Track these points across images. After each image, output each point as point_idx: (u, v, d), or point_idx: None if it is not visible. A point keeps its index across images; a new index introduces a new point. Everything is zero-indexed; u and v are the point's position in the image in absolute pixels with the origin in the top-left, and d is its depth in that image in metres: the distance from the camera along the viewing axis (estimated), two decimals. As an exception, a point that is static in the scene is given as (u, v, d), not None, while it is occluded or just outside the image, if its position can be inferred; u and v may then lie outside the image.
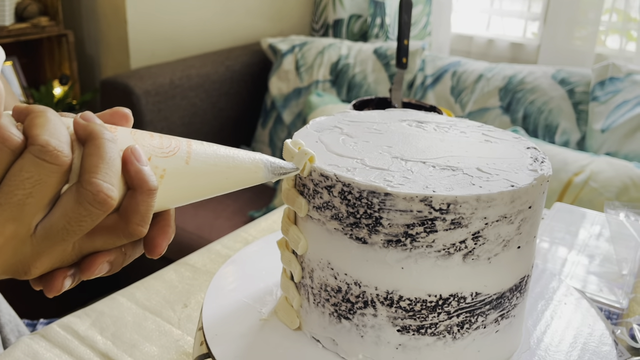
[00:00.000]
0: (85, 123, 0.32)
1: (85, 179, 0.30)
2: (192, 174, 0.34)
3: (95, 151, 0.31)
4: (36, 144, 0.29)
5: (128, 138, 0.33)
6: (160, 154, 0.34)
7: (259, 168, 0.37)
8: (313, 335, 0.45)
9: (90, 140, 0.31)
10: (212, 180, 0.35)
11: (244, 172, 0.36)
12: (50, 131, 0.30)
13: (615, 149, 1.43)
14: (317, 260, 0.43)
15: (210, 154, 0.35)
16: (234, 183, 0.36)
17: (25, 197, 0.29)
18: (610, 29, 1.78)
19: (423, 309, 0.40)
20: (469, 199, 0.37)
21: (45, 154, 0.29)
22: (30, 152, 0.29)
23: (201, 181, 0.35)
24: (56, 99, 1.79)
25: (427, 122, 0.51)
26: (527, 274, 0.43)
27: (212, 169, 0.35)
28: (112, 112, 0.36)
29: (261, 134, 1.95)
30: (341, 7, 2.09)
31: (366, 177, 0.39)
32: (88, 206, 0.30)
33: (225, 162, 0.36)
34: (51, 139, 0.29)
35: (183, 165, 0.34)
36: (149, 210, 0.32)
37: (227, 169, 0.36)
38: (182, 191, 0.35)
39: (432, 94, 1.71)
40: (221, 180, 0.36)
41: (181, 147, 0.34)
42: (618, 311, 0.62)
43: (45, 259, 0.31)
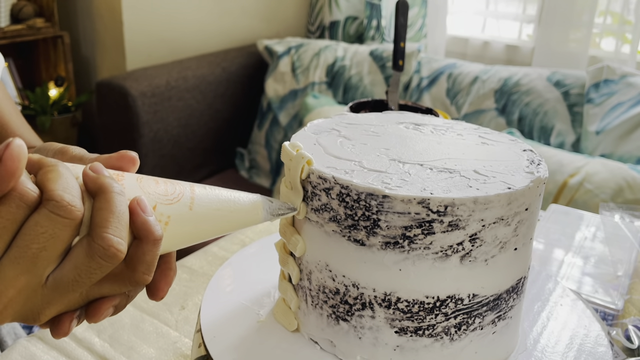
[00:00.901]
0: (95, 176, 0.33)
1: (96, 234, 0.31)
2: (196, 219, 0.36)
3: (105, 205, 0.32)
4: (51, 199, 0.30)
5: (135, 186, 0.34)
6: (165, 201, 0.35)
7: (259, 211, 0.39)
8: (311, 337, 0.45)
9: (101, 193, 0.32)
10: (214, 224, 0.37)
11: (245, 214, 0.38)
12: (63, 186, 0.31)
13: (610, 150, 1.44)
14: (315, 262, 0.43)
15: (212, 198, 0.37)
16: (234, 226, 0.38)
17: (39, 251, 0.30)
18: (605, 31, 1.79)
19: (421, 310, 0.40)
20: (466, 201, 0.37)
21: (60, 209, 0.30)
22: (45, 208, 0.30)
23: (204, 225, 0.36)
24: (51, 101, 1.78)
25: (424, 125, 0.52)
26: (523, 276, 0.44)
27: (215, 213, 0.37)
28: (120, 156, 0.37)
29: (257, 135, 1.95)
30: (337, 9, 2.10)
31: (364, 179, 0.39)
32: (99, 260, 0.31)
33: (226, 206, 0.37)
34: (65, 194, 0.30)
35: (187, 212, 0.35)
36: (154, 259, 0.34)
37: (229, 213, 0.37)
38: (186, 236, 0.36)
39: (427, 96, 1.71)
40: (223, 224, 0.37)
41: (185, 193, 0.36)
42: (613, 312, 0.62)
43: (54, 307, 0.32)
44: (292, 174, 0.42)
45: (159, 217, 0.34)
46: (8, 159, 0.28)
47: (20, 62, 1.86)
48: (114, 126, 1.66)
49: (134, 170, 0.38)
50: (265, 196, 0.40)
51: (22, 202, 0.30)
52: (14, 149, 0.29)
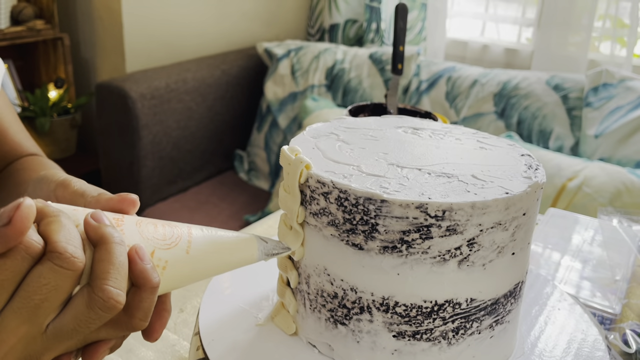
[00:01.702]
0: (96, 225, 0.33)
1: (97, 285, 0.32)
2: (192, 262, 0.37)
3: (106, 256, 0.32)
4: (55, 251, 0.31)
5: (134, 232, 0.35)
6: (162, 246, 0.36)
7: (254, 252, 0.40)
8: (309, 341, 0.46)
9: (101, 244, 0.33)
10: (210, 266, 0.38)
11: (240, 256, 0.39)
12: (66, 237, 0.31)
13: (608, 154, 1.44)
14: (313, 266, 0.43)
15: (208, 241, 0.38)
16: (229, 267, 0.39)
17: (41, 302, 0.31)
18: (604, 35, 1.79)
19: (418, 314, 0.40)
20: (464, 206, 0.37)
21: (64, 261, 0.31)
22: (49, 260, 0.31)
23: (200, 268, 0.37)
24: (51, 102, 1.78)
25: (423, 129, 0.52)
26: (521, 280, 0.44)
27: (211, 256, 0.38)
28: (121, 198, 0.38)
29: (257, 138, 1.96)
30: (337, 12, 2.10)
31: (362, 183, 0.39)
32: (98, 311, 0.32)
33: (222, 249, 0.38)
34: (68, 245, 0.31)
35: (184, 255, 0.36)
36: (152, 306, 0.34)
37: (225, 255, 0.38)
38: (182, 278, 0.37)
39: (427, 99, 1.72)
40: (218, 266, 0.38)
41: (182, 237, 0.37)
42: (611, 316, 0.63)
43: (53, 352, 0.33)
44: (290, 178, 0.42)
45: (157, 262, 0.35)
46: (18, 221, 0.29)
47: (20, 64, 1.86)
48: (113, 128, 1.66)
49: (134, 212, 0.38)
50: (259, 236, 0.41)
51: (27, 254, 0.30)
52: (24, 210, 0.30)
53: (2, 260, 0.30)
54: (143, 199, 1.70)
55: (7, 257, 0.30)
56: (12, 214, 0.29)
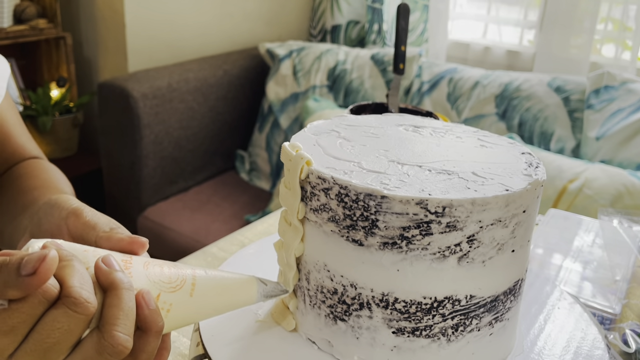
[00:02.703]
0: (107, 270, 0.35)
1: (107, 331, 0.33)
2: (195, 305, 0.38)
3: (116, 302, 0.34)
4: (70, 296, 0.32)
5: (141, 274, 0.37)
6: (168, 289, 0.37)
7: (253, 294, 0.42)
8: (309, 337, 0.46)
9: (112, 289, 0.34)
10: (211, 308, 0.40)
11: (240, 298, 0.41)
12: (80, 282, 0.33)
13: (609, 156, 1.44)
14: (313, 262, 0.43)
15: (211, 284, 0.39)
16: (229, 308, 0.41)
17: (53, 345, 0.32)
18: (606, 38, 1.79)
19: (418, 311, 0.40)
20: (464, 203, 0.37)
21: (78, 306, 0.32)
22: (64, 304, 0.32)
23: (202, 310, 0.39)
24: (53, 101, 1.79)
25: (424, 127, 0.52)
26: (521, 278, 0.44)
27: (213, 299, 0.39)
28: (131, 240, 0.39)
29: (258, 138, 1.96)
30: (339, 13, 2.10)
31: (363, 180, 0.39)
32: (107, 356, 0.33)
33: (224, 291, 0.40)
34: (82, 291, 0.32)
35: (188, 299, 0.38)
36: (155, 348, 0.36)
37: (226, 298, 0.40)
38: (185, 320, 0.39)
39: (428, 100, 1.72)
40: (219, 307, 0.40)
41: (187, 280, 0.38)
42: (611, 316, 0.63)
43: None
44: (291, 174, 0.42)
45: (162, 305, 0.37)
46: (43, 272, 0.31)
47: (23, 63, 1.86)
48: (115, 127, 1.66)
49: (143, 253, 0.40)
50: (259, 278, 0.42)
51: (44, 299, 0.31)
52: (50, 263, 0.31)
53: (19, 304, 0.31)
54: (144, 199, 1.70)
55: (24, 301, 0.31)
56: (38, 265, 0.31)
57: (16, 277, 0.30)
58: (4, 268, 0.31)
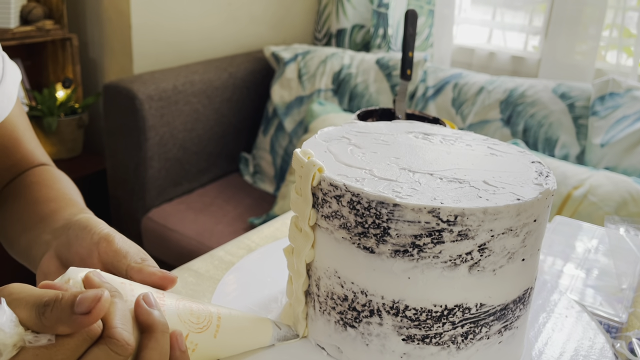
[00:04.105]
0: (147, 311, 0.36)
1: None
2: (218, 346, 0.41)
3: (154, 345, 0.35)
4: (113, 337, 0.33)
5: (174, 314, 0.38)
6: (195, 329, 0.39)
7: (268, 337, 0.44)
8: (318, 343, 0.46)
9: (151, 332, 0.35)
10: (231, 348, 0.42)
11: (257, 341, 0.44)
12: (122, 322, 0.34)
13: (614, 163, 1.44)
14: (323, 269, 0.44)
15: (233, 326, 0.42)
16: (245, 348, 0.44)
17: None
18: (611, 45, 1.80)
19: (428, 318, 0.40)
20: (476, 212, 0.38)
21: (119, 348, 0.33)
22: (105, 344, 0.33)
23: (223, 350, 0.41)
24: (59, 102, 1.79)
25: (433, 135, 0.52)
26: (530, 286, 0.44)
27: (233, 340, 0.42)
28: (163, 276, 0.41)
29: (262, 141, 1.96)
30: (344, 17, 2.11)
31: (375, 187, 0.40)
32: None
33: (244, 334, 0.43)
34: (124, 332, 0.33)
35: (212, 340, 0.40)
36: None
37: (244, 340, 0.43)
38: (206, 358, 0.40)
39: (433, 105, 1.72)
40: (237, 348, 0.43)
41: (212, 321, 0.40)
42: (617, 325, 0.63)
43: None
44: (303, 181, 0.43)
45: (189, 345, 0.38)
46: (96, 314, 0.32)
47: (29, 64, 1.87)
48: (120, 129, 1.67)
49: (172, 287, 0.42)
50: (275, 322, 0.45)
51: (88, 337, 0.32)
52: (104, 304, 0.32)
53: (66, 340, 0.32)
54: (148, 200, 1.70)
55: (71, 337, 0.32)
56: (93, 305, 0.31)
57: (69, 315, 0.31)
58: (57, 304, 0.32)
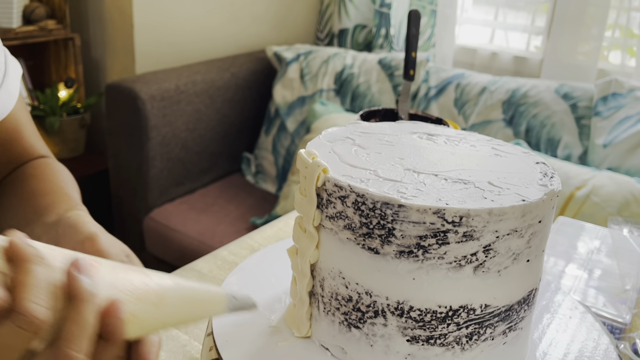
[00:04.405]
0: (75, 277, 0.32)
1: (60, 349, 0.31)
2: (159, 315, 0.37)
3: (75, 317, 0.32)
4: (18, 310, 0.30)
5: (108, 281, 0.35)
6: (133, 298, 0.36)
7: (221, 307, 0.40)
8: (322, 344, 0.46)
9: (73, 302, 0.32)
10: (176, 318, 0.39)
11: (207, 310, 0.40)
12: (35, 293, 0.31)
13: (617, 164, 1.44)
14: (328, 269, 0.44)
15: (177, 295, 0.38)
16: (195, 319, 0.40)
17: None
18: (613, 45, 1.79)
19: (433, 319, 0.40)
20: (481, 213, 0.37)
21: (24, 322, 0.30)
22: (11, 320, 0.30)
23: (166, 320, 0.38)
24: (61, 102, 1.79)
25: (437, 135, 0.52)
26: (535, 287, 0.44)
27: (179, 311, 0.38)
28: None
29: (264, 141, 1.96)
30: (346, 17, 2.11)
31: (380, 188, 0.39)
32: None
33: (190, 303, 0.39)
34: (31, 304, 0.30)
35: (152, 309, 0.37)
36: (115, 357, 0.35)
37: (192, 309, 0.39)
38: (147, 329, 0.37)
39: (435, 106, 1.72)
40: (184, 318, 0.39)
41: (153, 289, 0.37)
42: (621, 326, 0.63)
43: None
44: (307, 182, 0.43)
45: (127, 315, 0.35)
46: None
47: (31, 63, 1.87)
48: (122, 129, 1.67)
49: None
50: (231, 293, 0.41)
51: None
52: None
53: None
54: (150, 200, 1.70)
55: None
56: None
57: None
58: None
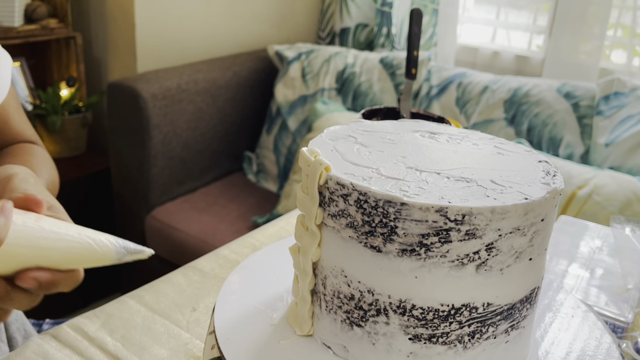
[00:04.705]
0: None
1: None
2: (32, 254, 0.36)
3: None
4: None
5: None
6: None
7: (108, 258, 0.39)
8: (324, 342, 0.46)
9: None
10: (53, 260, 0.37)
11: (90, 260, 0.39)
12: None
13: (619, 163, 1.44)
14: (330, 268, 0.43)
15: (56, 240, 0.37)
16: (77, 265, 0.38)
17: None
18: (615, 44, 1.79)
19: (435, 318, 0.40)
20: (483, 211, 0.37)
21: None
22: None
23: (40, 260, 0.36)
24: (63, 101, 1.79)
25: (440, 133, 0.52)
26: (537, 286, 0.44)
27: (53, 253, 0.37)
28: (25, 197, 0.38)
29: (266, 140, 1.96)
30: (348, 16, 2.11)
31: (382, 186, 0.39)
32: None
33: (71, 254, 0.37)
34: None
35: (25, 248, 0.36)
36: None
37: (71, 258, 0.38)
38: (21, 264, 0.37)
39: (437, 105, 1.72)
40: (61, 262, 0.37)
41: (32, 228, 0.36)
42: (623, 325, 0.62)
43: None
44: (309, 180, 0.43)
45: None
46: None
47: (33, 62, 1.87)
48: (124, 127, 1.67)
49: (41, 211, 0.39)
50: (122, 245, 0.40)
51: None
52: None
53: None
54: (152, 199, 1.70)
55: None
56: None
57: None
58: None
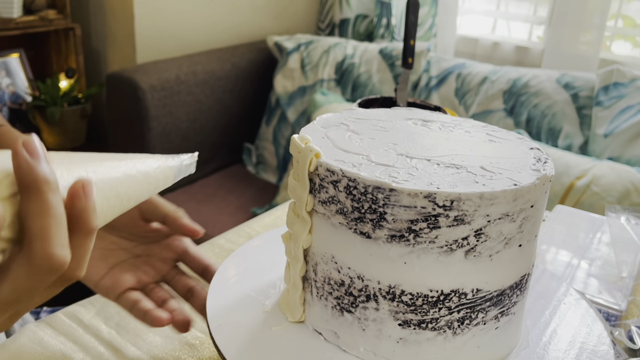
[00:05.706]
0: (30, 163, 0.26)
1: (38, 250, 0.26)
2: (118, 203, 0.33)
3: (43, 209, 0.26)
4: None
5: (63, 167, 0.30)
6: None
7: (170, 179, 0.38)
8: (315, 328, 0.46)
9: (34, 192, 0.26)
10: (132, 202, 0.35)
11: (157, 187, 0.37)
12: None
13: (617, 154, 1.43)
14: (321, 254, 0.44)
15: (134, 182, 0.34)
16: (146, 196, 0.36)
17: None
18: (616, 35, 1.78)
19: (424, 303, 0.40)
20: (472, 197, 0.37)
21: None
22: None
23: (125, 207, 0.34)
24: (62, 92, 1.79)
25: (432, 121, 0.52)
26: (527, 273, 0.44)
27: (134, 195, 0.35)
28: None
29: (265, 131, 1.96)
30: (347, 7, 2.10)
31: (371, 172, 0.39)
32: (43, 277, 0.27)
33: (144, 185, 0.35)
34: None
35: (114, 199, 0.33)
36: (87, 252, 0.29)
37: (145, 190, 0.36)
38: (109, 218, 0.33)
39: (436, 95, 1.72)
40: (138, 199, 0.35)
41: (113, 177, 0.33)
42: (617, 313, 0.63)
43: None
44: (300, 167, 0.43)
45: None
46: None
47: (32, 53, 1.87)
48: (123, 119, 1.67)
49: None
50: (179, 161, 0.39)
51: None
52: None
53: None
54: (151, 190, 1.71)
55: None
56: None
57: None
58: None
